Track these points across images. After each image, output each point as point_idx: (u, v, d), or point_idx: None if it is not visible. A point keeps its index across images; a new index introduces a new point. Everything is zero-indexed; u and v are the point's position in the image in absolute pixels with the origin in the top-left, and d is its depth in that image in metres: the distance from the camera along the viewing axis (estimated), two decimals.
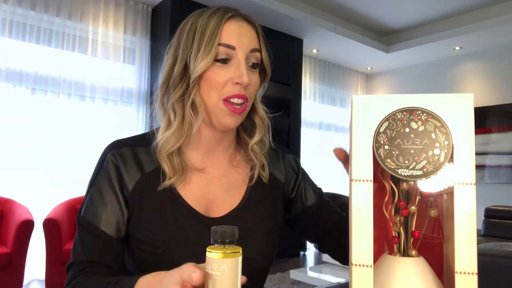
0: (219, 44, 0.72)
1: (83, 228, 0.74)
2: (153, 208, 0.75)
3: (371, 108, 0.54)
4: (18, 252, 2.78)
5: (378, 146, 0.53)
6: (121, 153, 0.77)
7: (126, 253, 0.78)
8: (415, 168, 0.52)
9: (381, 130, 0.53)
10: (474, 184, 0.51)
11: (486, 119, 5.23)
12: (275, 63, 0.82)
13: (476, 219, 0.50)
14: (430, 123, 0.52)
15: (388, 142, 0.53)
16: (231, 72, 0.73)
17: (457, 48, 5.37)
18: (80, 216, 0.76)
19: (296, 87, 5.10)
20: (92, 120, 3.87)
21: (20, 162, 3.51)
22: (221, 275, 0.50)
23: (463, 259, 0.49)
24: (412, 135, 0.52)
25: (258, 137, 0.82)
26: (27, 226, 2.80)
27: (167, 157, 0.76)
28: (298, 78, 5.17)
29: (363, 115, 0.54)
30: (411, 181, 0.54)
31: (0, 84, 3.43)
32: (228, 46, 0.73)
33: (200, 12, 0.77)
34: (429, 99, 0.53)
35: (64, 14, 3.76)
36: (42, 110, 3.64)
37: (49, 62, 3.67)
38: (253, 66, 0.77)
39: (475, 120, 0.51)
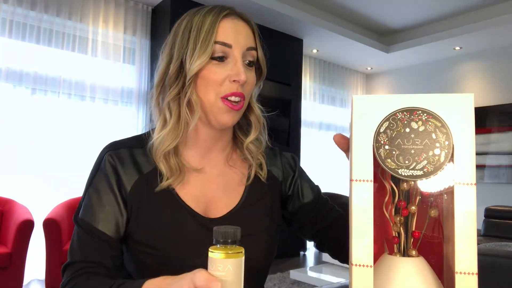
0: (216, 42, 0.72)
1: (81, 228, 0.74)
2: (151, 209, 0.75)
3: (371, 108, 0.54)
4: (18, 252, 2.78)
5: (378, 146, 0.53)
6: (118, 155, 0.77)
7: (125, 254, 0.78)
8: (416, 168, 0.52)
9: (381, 130, 0.53)
10: (474, 184, 0.51)
11: (486, 119, 5.24)
12: (275, 63, 0.82)
13: (476, 219, 0.50)
14: (430, 123, 0.52)
15: (389, 142, 0.53)
16: (228, 70, 0.73)
17: (457, 48, 5.37)
18: (78, 217, 0.75)
19: (296, 87, 5.10)
20: (92, 120, 3.87)
21: (20, 162, 3.51)
22: (226, 275, 0.50)
23: (463, 259, 0.49)
24: (413, 135, 0.52)
25: (253, 136, 0.81)
26: (27, 226, 2.81)
27: (164, 158, 0.75)
28: (298, 78, 5.16)
29: (363, 115, 0.54)
30: (411, 181, 0.54)
31: (0, 84, 3.43)
32: (225, 44, 0.73)
33: (195, 10, 0.77)
34: (430, 99, 0.53)
35: (64, 14, 3.76)
36: (42, 110, 3.64)
37: (49, 62, 3.67)
38: (249, 64, 0.77)
39: (475, 120, 0.51)
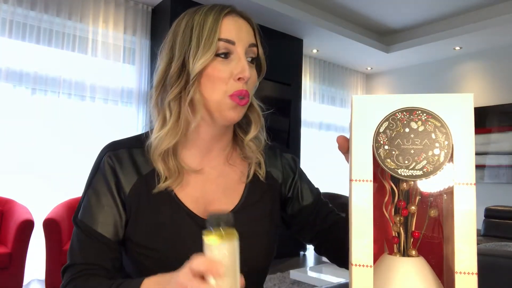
0: (219, 40, 0.72)
1: (80, 230, 0.74)
2: (150, 210, 0.75)
3: (371, 108, 0.54)
4: (18, 252, 2.78)
5: (378, 146, 0.53)
6: (117, 155, 0.76)
7: (124, 256, 0.78)
8: (415, 168, 0.52)
9: (381, 130, 0.53)
10: (474, 184, 0.51)
11: (486, 119, 5.23)
12: (275, 63, 0.82)
13: (476, 219, 0.50)
14: (430, 123, 0.52)
15: (388, 142, 0.53)
16: (232, 67, 0.73)
17: (457, 48, 5.37)
18: (77, 218, 0.75)
19: (296, 87, 5.10)
20: (92, 120, 3.87)
21: (20, 162, 3.51)
22: (221, 259, 0.51)
23: (463, 259, 0.49)
24: (412, 135, 0.52)
25: (254, 133, 0.81)
26: (27, 226, 2.81)
27: (162, 158, 0.75)
28: (298, 78, 5.16)
29: (363, 115, 0.54)
30: (411, 181, 0.54)
31: (0, 84, 3.43)
32: (228, 41, 0.73)
33: (194, 10, 0.76)
34: (429, 99, 0.53)
35: (64, 14, 3.76)
36: (42, 110, 3.63)
37: (49, 62, 3.67)
38: (251, 61, 0.77)
39: (475, 120, 0.51)
